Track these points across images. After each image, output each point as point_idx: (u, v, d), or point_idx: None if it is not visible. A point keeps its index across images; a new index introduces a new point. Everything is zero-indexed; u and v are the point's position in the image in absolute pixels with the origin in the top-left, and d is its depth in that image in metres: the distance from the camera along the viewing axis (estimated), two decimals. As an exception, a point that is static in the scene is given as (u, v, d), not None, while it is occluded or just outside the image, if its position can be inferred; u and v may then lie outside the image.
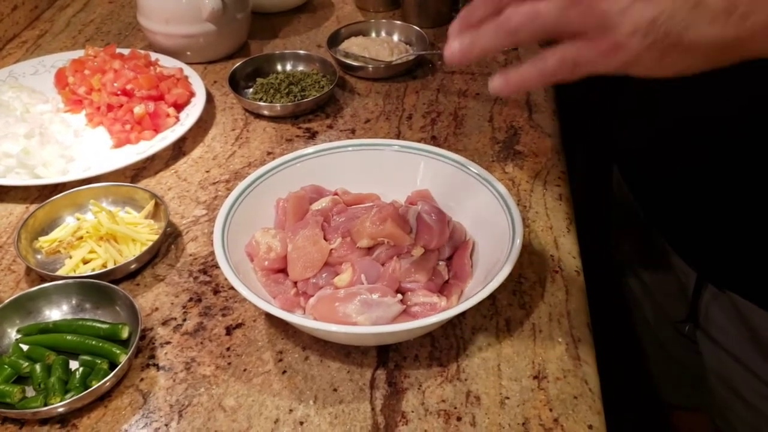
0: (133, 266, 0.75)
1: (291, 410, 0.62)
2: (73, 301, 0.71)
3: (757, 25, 0.44)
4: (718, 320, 0.77)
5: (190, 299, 0.73)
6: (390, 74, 1.09)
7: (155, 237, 0.78)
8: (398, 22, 1.18)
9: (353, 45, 1.13)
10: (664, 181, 0.78)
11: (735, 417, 0.81)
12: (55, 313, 0.70)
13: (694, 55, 0.46)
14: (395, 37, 1.18)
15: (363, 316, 0.63)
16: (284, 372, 0.66)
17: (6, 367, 0.64)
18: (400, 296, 0.66)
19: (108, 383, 0.62)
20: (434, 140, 0.95)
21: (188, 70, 1.05)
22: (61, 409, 0.61)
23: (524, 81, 0.52)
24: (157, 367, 0.66)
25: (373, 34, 1.18)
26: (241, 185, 0.74)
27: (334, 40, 1.15)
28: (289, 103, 1.00)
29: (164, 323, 0.71)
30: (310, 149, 0.80)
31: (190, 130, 0.95)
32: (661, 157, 0.77)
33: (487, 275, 0.67)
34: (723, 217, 0.71)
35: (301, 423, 0.61)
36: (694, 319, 0.81)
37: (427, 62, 1.13)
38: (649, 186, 0.81)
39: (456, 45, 0.53)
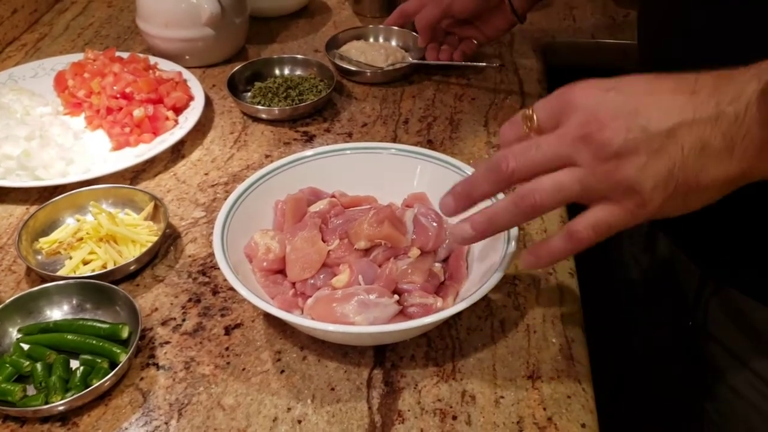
0: (132, 267, 0.76)
1: (289, 409, 0.63)
2: (74, 302, 0.71)
3: (755, 157, 0.47)
4: (718, 318, 0.79)
5: (189, 300, 0.74)
6: (387, 79, 1.10)
7: (155, 238, 0.78)
8: (395, 27, 1.20)
9: (351, 49, 1.14)
10: None
11: (733, 415, 0.82)
12: (56, 313, 0.71)
13: (710, 191, 0.49)
14: (393, 42, 1.19)
15: (360, 317, 0.64)
16: (282, 371, 0.67)
17: (7, 366, 0.65)
18: (396, 297, 0.67)
19: (108, 382, 0.63)
20: (430, 144, 0.96)
21: (187, 74, 1.06)
22: (61, 408, 0.62)
23: (555, 256, 0.54)
24: (157, 366, 0.67)
25: (371, 39, 1.19)
26: (240, 187, 0.75)
27: (332, 45, 1.16)
28: (287, 107, 1.01)
29: (164, 323, 0.72)
30: (308, 152, 0.81)
31: (189, 133, 0.96)
32: None
33: (482, 277, 0.68)
34: (727, 214, 0.72)
35: (299, 421, 0.62)
36: (694, 316, 0.83)
37: (423, 67, 1.14)
38: None
39: (468, 229, 0.55)
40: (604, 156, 0.48)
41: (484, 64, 1.10)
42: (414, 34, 1.16)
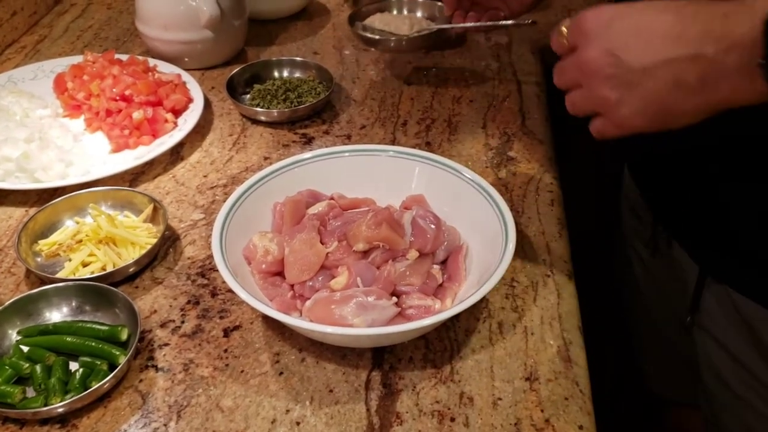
0: (131, 269, 0.76)
1: (288, 411, 0.63)
2: (73, 304, 0.72)
3: (727, 91, 0.53)
4: (716, 316, 0.79)
5: (188, 302, 0.74)
6: (412, 47, 1.10)
7: (154, 240, 0.79)
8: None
9: (375, 21, 1.13)
10: (672, 179, 0.81)
11: (726, 411, 0.83)
12: (56, 315, 0.71)
13: (686, 118, 0.56)
14: (418, 14, 1.16)
15: (359, 319, 0.64)
16: (281, 373, 0.67)
17: (7, 368, 0.65)
18: (395, 299, 0.68)
19: (107, 384, 0.63)
20: (429, 146, 0.97)
21: (186, 76, 1.06)
22: (61, 410, 0.62)
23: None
24: (156, 368, 0.67)
25: (395, 11, 1.17)
26: (239, 190, 0.76)
27: (355, 17, 1.14)
28: (286, 109, 1.01)
29: (163, 325, 0.72)
30: (307, 154, 0.81)
31: (188, 135, 0.97)
32: (670, 156, 0.80)
33: (480, 279, 0.68)
34: (730, 213, 0.73)
35: (298, 423, 0.62)
36: (692, 313, 0.84)
37: (423, 70, 1.14)
38: (657, 184, 0.84)
39: None
40: (594, 84, 0.58)
41: (513, 21, 1.03)
42: (439, 3, 1.13)
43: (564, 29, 0.63)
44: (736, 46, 0.50)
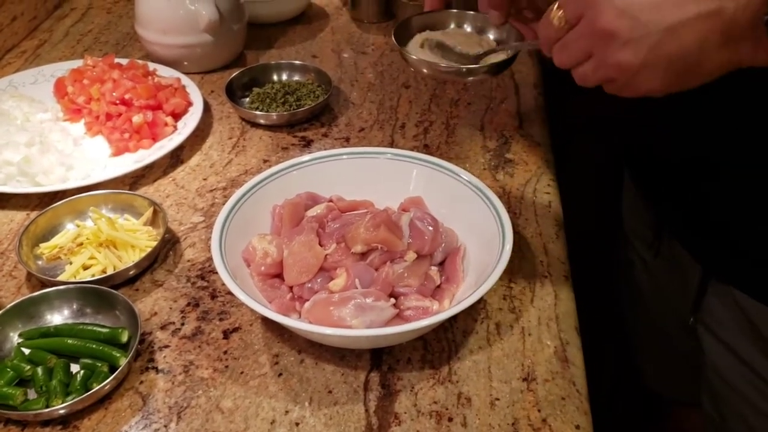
0: (132, 272, 0.77)
1: (287, 411, 0.64)
2: (74, 306, 0.72)
3: (748, 49, 0.51)
4: (719, 315, 0.80)
5: (188, 304, 0.75)
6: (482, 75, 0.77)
7: (154, 243, 0.79)
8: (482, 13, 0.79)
9: (432, 38, 0.81)
10: (673, 180, 0.81)
11: (727, 409, 0.83)
12: (57, 317, 0.72)
13: (710, 75, 0.53)
14: (491, 35, 0.81)
15: (357, 320, 0.65)
16: (280, 374, 0.67)
17: (8, 370, 0.66)
18: (393, 300, 0.68)
19: (108, 386, 0.64)
20: (427, 149, 0.97)
21: (186, 80, 1.07)
22: (62, 411, 0.63)
23: None
24: (156, 370, 0.68)
25: (453, 25, 0.84)
26: (238, 192, 0.76)
27: (404, 33, 0.81)
28: (285, 112, 1.02)
29: (163, 327, 0.72)
30: (306, 157, 0.82)
31: (188, 138, 0.97)
32: (670, 157, 0.81)
33: (477, 280, 0.69)
34: (731, 214, 0.74)
35: (297, 424, 0.63)
36: (696, 312, 0.84)
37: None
38: (658, 185, 0.85)
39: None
40: (611, 51, 0.53)
41: None
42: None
43: (560, 12, 0.59)
44: (750, 2, 0.49)
